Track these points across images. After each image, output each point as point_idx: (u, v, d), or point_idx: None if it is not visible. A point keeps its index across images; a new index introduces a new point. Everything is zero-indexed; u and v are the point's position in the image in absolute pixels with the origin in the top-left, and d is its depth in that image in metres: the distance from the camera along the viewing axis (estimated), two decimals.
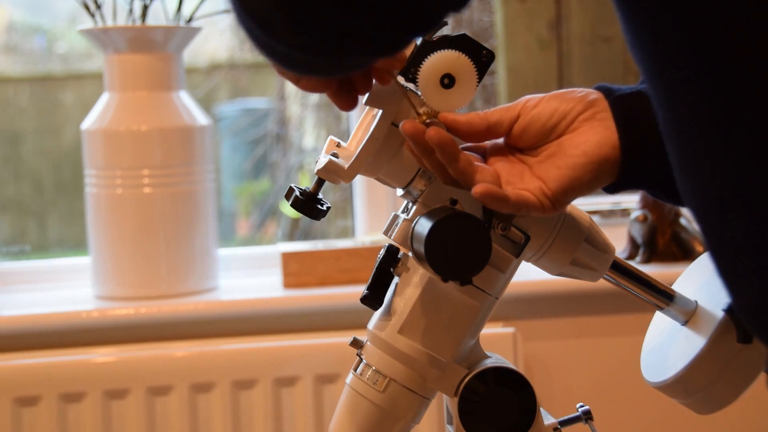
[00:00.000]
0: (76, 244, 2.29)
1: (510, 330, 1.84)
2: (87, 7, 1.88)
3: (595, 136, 0.90)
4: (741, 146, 0.66)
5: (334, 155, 0.98)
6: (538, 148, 0.93)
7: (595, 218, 0.97)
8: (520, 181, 0.91)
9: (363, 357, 1.00)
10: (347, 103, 0.92)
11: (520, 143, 0.94)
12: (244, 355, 1.83)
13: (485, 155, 0.95)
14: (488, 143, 0.96)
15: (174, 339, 1.87)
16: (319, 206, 0.99)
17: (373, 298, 0.99)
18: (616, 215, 2.13)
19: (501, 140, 0.95)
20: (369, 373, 0.99)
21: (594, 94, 0.92)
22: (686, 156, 0.70)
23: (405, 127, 0.90)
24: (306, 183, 2.38)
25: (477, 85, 0.93)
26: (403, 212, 1.00)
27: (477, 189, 0.87)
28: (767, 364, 0.73)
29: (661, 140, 0.73)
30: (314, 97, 2.42)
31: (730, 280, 0.70)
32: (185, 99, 1.90)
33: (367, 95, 0.97)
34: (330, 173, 0.98)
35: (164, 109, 1.87)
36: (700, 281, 1.04)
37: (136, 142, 1.84)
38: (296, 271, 1.89)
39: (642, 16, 0.69)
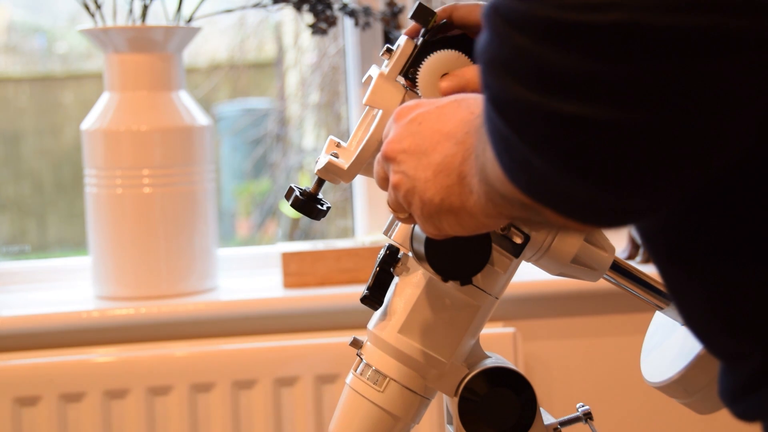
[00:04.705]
0: (76, 244, 2.29)
1: (510, 330, 1.84)
2: (87, 7, 1.88)
3: None
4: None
5: (334, 155, 0.99)
6: None
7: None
8: None
9: (363, 357, 1.00)
10: None
11: None
12: (244, 355, 1.82)
13: None
14: None
15: (174, 339, 1.86)
16: (319, 206, 0.99)
17: (373, 298, 0.99)
18: None
19: None
20: (369, 373, 0.99)
21: None
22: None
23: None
24: (306, 183, 2.38)
25: None
26: None
27: None
28: (720, 391, 0.75)
29: None
30: (314, 97, 2.42)
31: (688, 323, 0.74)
32: (185, 99, 1.90)
33: (366, 95, 0.97)
34: (330, 173, 0.98)
35: (164, 109, 1.87)
36: None
37: (136, 142, 1.84)
38: (296, 271, 1.89)
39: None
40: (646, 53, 0.57)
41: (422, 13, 0.95)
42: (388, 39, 2.01)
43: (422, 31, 0.96)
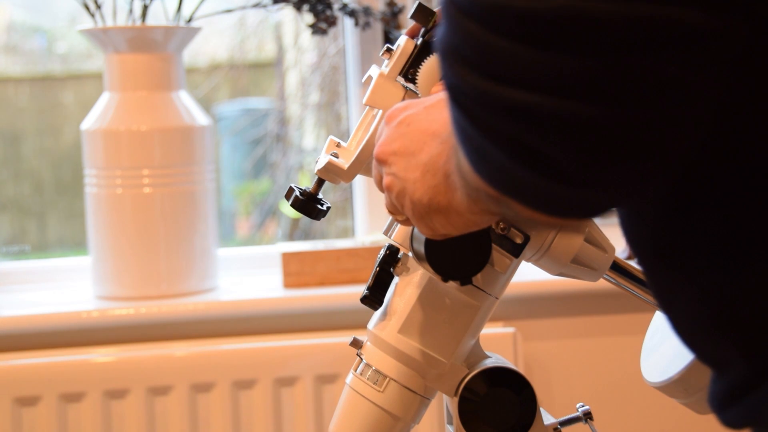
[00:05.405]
0: (76, 244, 2.28)
1: (510, 330, 1.84)
2: (87, 7, 1.88)
3: None
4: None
5: (334, 155, 0.99)
6: None
7: (595, 218, 0.97)
8: None
9: (363, 357, 1.00)
10: None
11: None
12: (244, 355, 1.82)
13: None
14: None
15: (174, 339, 1.86)
16: (319, 206, 0.99)
17: (373, 298, 0.99)
18: (616, 215, 2.12)
19: None
20: (369, 373, 0.99)
21: None
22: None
23: None
24: (306, 183, 2.37)
25: None
26: None
27: None
28: (709, 397, 0.74)
29: None
30: (314, 97, 2.42)
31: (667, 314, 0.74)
32: (185, 99, 1.90)
33: (366, 95, 0.97)
34: (330, 173, 0.98)
35: (164, 109, 1.87)
36: None
37: (136, 142, 1.84)
38: (296, 271, 1.89)
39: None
40: (590, 42, 0.56)
41: (422, 13, 0.95)
42: (388, 39, 2.01)
43: (422, 30, 0.96)
